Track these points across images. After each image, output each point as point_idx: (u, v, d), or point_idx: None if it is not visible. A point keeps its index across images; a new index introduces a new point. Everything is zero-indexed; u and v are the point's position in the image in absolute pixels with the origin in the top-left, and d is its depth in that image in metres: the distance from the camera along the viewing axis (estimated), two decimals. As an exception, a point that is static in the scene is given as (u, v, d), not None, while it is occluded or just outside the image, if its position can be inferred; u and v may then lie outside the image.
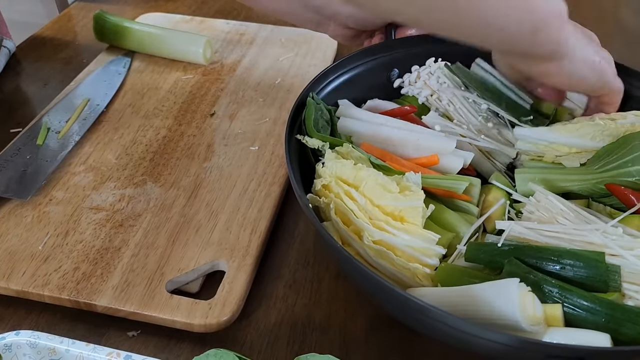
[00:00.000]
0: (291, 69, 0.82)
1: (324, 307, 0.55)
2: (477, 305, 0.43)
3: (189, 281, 0.54)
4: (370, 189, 0.51)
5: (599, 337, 0.41)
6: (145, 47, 0.83)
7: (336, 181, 0.52)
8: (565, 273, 0.45)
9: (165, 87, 0.78)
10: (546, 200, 0.52)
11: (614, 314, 0.42)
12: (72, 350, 0.46)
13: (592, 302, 0.43)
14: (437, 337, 0.47)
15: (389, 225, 0.49)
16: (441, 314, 0.40)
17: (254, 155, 0.67)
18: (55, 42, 0.92)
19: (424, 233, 0.49)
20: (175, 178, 0.64)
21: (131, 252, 0.56)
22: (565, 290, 0.44)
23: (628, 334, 0.42)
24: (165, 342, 0.51)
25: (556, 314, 0.42)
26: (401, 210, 0.49)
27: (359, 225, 0.49)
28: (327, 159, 0.54)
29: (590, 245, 0.47)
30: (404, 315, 0.48)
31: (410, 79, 0.68)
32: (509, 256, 0.47)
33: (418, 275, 0.48)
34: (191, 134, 0.70)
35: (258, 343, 0.52)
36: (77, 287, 0.52)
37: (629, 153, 0.53)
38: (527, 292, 0.42)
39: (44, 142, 0.67)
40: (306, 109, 0.58)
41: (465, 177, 0.55)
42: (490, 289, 0.43)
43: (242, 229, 0.58)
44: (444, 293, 0.46)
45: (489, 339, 0.40)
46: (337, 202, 0.50)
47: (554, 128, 0.60)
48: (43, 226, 0.58)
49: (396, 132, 0.59)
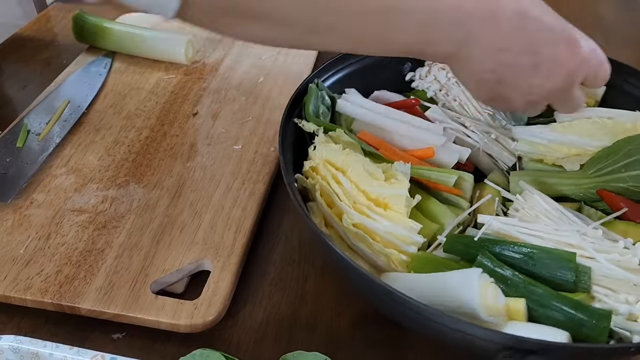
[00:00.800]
0: (274, 68, 0.82)
1: (310, 305, 0.55)
2: (442, 292, 0.44)
3: (173, 282, 0.54)
4: (357, 174, 0.52)
5: (557, 334, 0.41)
6: (126, 47, 0.83)
7: (324, 164, 0.53)
8: (537, 270, 0.46)
9: (146, 87, 0.78)
10: (532, 199, 0.52)
11: (576, 313, 0.43)
12: (55, 354, 0.45)
13: (556, 300, 0.43)
14: (402, 321, 0.48)
15: (370, 210, 0.50)
16: (395, 294, 0.41)
17: (238, 154, 0.67)
18: (34, 43, 0.90)
19: (406, 221, 0.49)
20: (158, 178, 0.64)
21: (115, 253, 0.55)
22: (531, 285, 0.44)
23: (589, 335, 0.42)
24: (150, 344, 0.51)
25: (519, 308, 0.43)
26: (385, 197, 0.50)
27: (340, 207, 0.50)
28: (318, 142, 0.55)
29: (567, 246, 0.48)
30: (373, 297, 0.49)
31: (421, 72, 0.69)
32: (483, 248, 0.47)
33: (394, 261, 0.49)
34: (174, 134, 0.70)
35: (244, 342, 0.51)
36: (60, 291, 0.52)
37: (623, 158, 0.53)
38: (489, 283, 0.43)
39: (24, 145, 0.66)
40: (307, 95, 0.59)
41: (455, 171, 0.55)
42: (454, 277, 0.44)
43: (227, 228, 0.58)
44: (413, 279, 0.47)
45: (441, 322, 0.41)
46: (323, 184, 0.52)
47: (552, 127, 0.60)
48: (24, 229, 0.57)
49: (393, 122, 0.60)
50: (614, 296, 0.45)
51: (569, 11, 0.95)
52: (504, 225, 0.49)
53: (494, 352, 0.40)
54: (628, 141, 0.54)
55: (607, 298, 0.45)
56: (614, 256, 0.46)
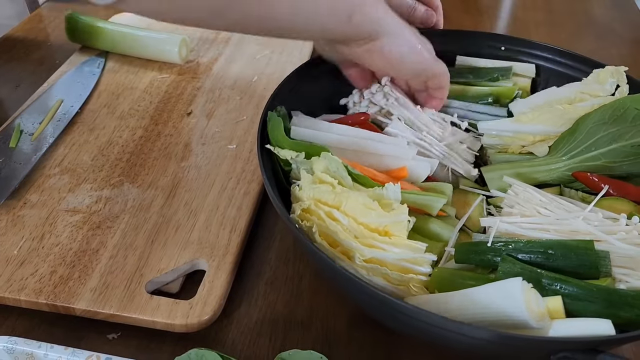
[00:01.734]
0: (268, 67, 0.82)
1: (306, 304, 0.55)
2: (481, 308, 0.42)
3: (168, 281, 0.54)
4: (352, 207, 0.49)
5: (602, 324, 0.41)
6: (119, 47, 0.82)
7: (316, 203, 0.50)
8: (557, 264, 0.46)
9: (140, 87, 0.78)
10: (525, 192, 0.52)
11: (611, 299, 0.43)
12: (50, 354, 0.45)
13: (589, 290, 0.43)
14: (439, 343, 0.47)
15: (376, 241, 0.48)
16: (441, 320, 0.40)
17: (232, 154, 0.67)
18: (26, 43, 0.90)
19: (410, 244, 0.48)
20: (152, 178, 0.64)
21: (109, 253, 0.55)
22: (562, 281, 0.44)
23: (626, 317, 0.42)
24: (146, 344, 0.51)
25: (557, 306, 0.43)
26: (386, 226, 0.49)
27: (346, 245, 0.48)
28: (305, 183, 0.51)
29: (575, 233, 0.48)
30: (402, 325, 0.47)
31: (354, 99, 0.65)
32: (500, 253, 0.47)
33: (413, 285, 0.47)
34: (168, 134, 0.70)
35: (240, 341, 0.51)
36: (54, 291, 0.51)
37: (589, 137, 0.54)
38: (529, 288, 0.42)
39: (17, 145, 0.66)
40: (269, 123, 0.56)
41: (441, 195, 0.53)
42: (493, 291, 0.43)
43: (222, 228, 0.58)
44: (444, 299, 0.45)
45: (509, 343, 0.40)
46: (320, 225, 0.49)
47: (516, 119, 0.61)
48: (18, 230, 0.57)
49: (357, 141, 0.57)
50: (634, 274, 0.45)
51: (562, 9, 0.96)
52: (510, 225, 0.49)
53: (545, 357, 0.40)
54: (585, 120, 0.55)
55: (629, 277, 0.45)
56: (620, 235, 0.46)
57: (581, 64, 0.66)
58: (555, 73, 0.68)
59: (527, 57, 0.69)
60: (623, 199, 0.53)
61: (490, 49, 0.70)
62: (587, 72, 0.64)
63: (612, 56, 0.95)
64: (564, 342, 0.40)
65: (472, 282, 0.45)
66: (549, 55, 0.68)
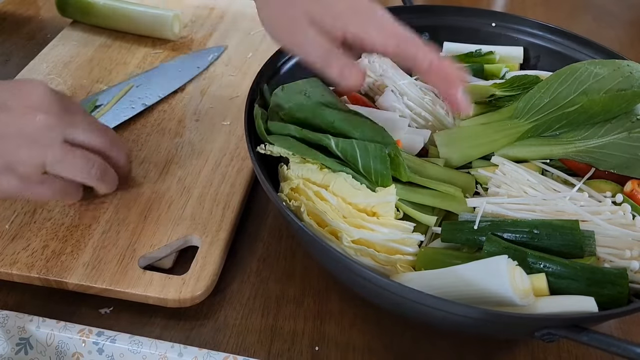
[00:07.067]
0: (262, 43, 0.81)
1: (298, 280, 0.55)
2: (466, 285, 0.43)
3: (161, 257, 0.54)
4: (340, 188, 0.49)
5: (585, 301, 0.42)
6: (111, 23, 0.81)
7: (304, 183, 0.50)
8: (542, 243, 0.46)
9: (133, 62, 0.77)
10: (513, 172, 0.52)
11: (594, 277, 0.43)
12: (42, 328, 0.45)
13: (573, 269, 0.44)
14: (425, 320, 0.48)
15: (365, 221, 0.48)
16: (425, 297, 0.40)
17: (226, 131, 0.67)
18: (16, 17, 0.89)
19: (398, 224, 0.48)
20: (145, 154, 0.63)
21: (102, 228, 0.55)
22: (546, 260, 0.44)
23: (609, 295, 0.43)
24: (138, 318, 0.51)
25: (542, 284, 0.43)
26: (374, 206, 0.49)
27: (335, 226, 0.48)
28: (293, 162, 0.51)
29: (562, 214, 0.48)
30: (387, 303, 0.47)
31: None
32: (486, 233, 0.47)
33: (400, 265, 0.48)
34: (161, 110, 0.69)
35: (232, 316, 0.52)
36: (46, 265, 0.51)
37: (547, 95, 0.54)
38: (514, 266, 0.43)
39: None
40: (256, 121, 0.54)
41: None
42: (478, 268, 0.43)
43: (215, 204, 0.58)
44: (429, 276, 0.45)
45: (494, 320, 0.41)
46: (309, 204, 0.49)
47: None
48: (9, 204, 0.56)
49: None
50: (619, 254, 0.45)
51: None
52: (496, 206, 0.49)
53: (529, 334, 0.41)
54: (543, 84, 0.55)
55: (613, 257, 0.46)
56: (605, 215, 0.47)
57: (572, 41, 0.66)
58: (546, 50, 0.68)
59: (517, 33, 0.69)
60: (607, 180, 0.53)
61: (482, 25, 0.70)
62: (577, 50, 0.64)
63: (610, 38, 0.95)
64: (547, 319, 0.41)
65: (458, 262, 0.45)
66: (539, 32, 0.68)
